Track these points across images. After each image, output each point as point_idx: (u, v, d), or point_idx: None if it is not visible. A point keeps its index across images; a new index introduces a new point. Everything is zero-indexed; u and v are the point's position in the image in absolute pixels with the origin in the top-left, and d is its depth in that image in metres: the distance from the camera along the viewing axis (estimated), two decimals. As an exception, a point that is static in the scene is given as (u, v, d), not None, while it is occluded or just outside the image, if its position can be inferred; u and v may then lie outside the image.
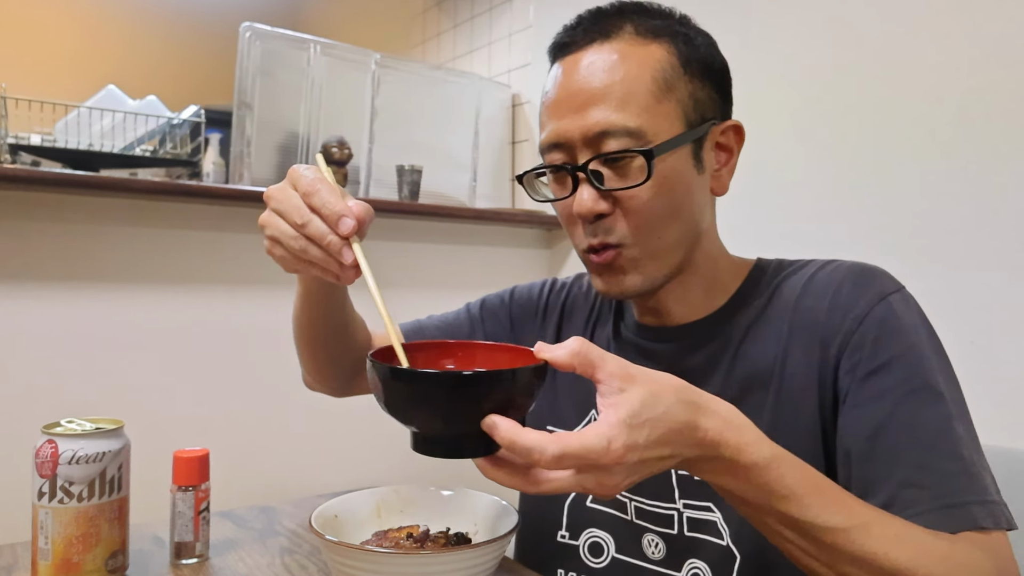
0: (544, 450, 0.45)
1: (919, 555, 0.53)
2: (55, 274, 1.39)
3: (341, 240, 0.58)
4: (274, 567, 0.77)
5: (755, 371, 0.70)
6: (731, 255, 0.79)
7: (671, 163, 0.67)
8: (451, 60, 2.56)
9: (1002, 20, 1.14)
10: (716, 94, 0.72)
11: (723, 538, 0.70)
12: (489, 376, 0.49)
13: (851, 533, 0.53)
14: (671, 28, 0.70)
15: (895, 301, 0.66)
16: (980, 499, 0.58)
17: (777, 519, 0.54)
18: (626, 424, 0.47)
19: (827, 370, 0.67)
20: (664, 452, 0.49)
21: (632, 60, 0.67)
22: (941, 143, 1.22)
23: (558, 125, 0.68)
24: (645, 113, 0.66)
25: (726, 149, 0.74)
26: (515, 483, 0.49)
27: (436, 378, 0.49)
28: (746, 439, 0.52)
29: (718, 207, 0.77)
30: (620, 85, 0.66)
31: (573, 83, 0.68)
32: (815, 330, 0.68)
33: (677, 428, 0.49)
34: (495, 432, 0.47)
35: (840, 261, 0.73)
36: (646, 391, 0.48)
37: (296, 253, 0.61)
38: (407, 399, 0.50)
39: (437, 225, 1.83)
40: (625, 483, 0.49)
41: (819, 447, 0.67)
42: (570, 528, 0.81)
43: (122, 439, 0.72)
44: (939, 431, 0.60)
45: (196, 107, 1.82)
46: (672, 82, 0.68)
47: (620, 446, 0.46)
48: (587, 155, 0.67)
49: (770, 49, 1.49)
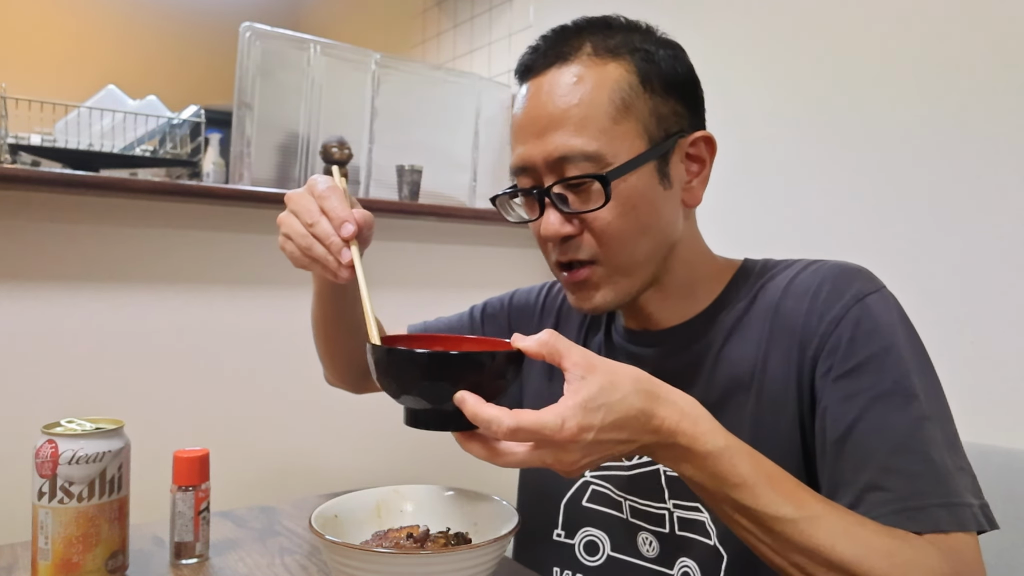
0: (501, 422, 0.51)
1: (865, 550, 0.55)
2: (55, 274, 1.39)
3: (342, 242, 0.66)
4: (274, 567, 0.77)
5: (736, 373, 0.71)
6: (715, 258, 0.79)
7: (633, 183, 0.67)
8: (451, 60, 2.56)
9: (1002, 20, 1.14)
10: (682, 107, 0.71)
11: (711, 538, 0.71)
12: (461, 356, 0.56)
13: (800, 524, 0.55)
14: (631, 44, 0.70)
15: (872, 302, 0.66)
16: (944, 502, 0.58)
17: (731, 507, 0.57)
18: (581, 407, 0.52)
19: (805, 373, 0.68)
20: (621, 436, 0.54)
21: (589, 82, 0.67)
22: (942, 142, 1.22)
23: (523, 150, 0.70)
24: (603, 136, 0.66)
25: (697, 160, 0.73)
26: (485, 455, 0.55)
27: (412, 356, 0.56)
28: (701, 429, 0.56)
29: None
30: (577, 109, 0.67)
31: (534, 108, 0.69)
32: (794, 333, 0.69)
33: (633, 415, 0.53)
34: (464, 405, 0.53)
35: (823, 262, 0.73)
36: (605, 380, 0.53)
37: (303, 249, 0.68)
38: (392, 375, 0.57)
39: (437, 225, 1.83)
40: (584, 462, 0.54)
41: (799, 449, 0.68)
42: (566, 527, 0.81)
43: (122, 439, 0.72)
44: (908, 434, 0.61)
45: (196, 107, 1.82)
46: (630, 101, 0.68)
47: (574, 425, 0.51)
48: (551, 179, 0.69)
49: (770, 49, 1.49)
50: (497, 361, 0.56)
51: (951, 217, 1.20)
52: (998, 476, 0.84)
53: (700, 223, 0.78)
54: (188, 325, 1.52)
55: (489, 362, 0.56)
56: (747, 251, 0.82)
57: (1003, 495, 0.82)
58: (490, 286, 1.32)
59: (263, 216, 1.61)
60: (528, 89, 0.71)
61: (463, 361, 0.55)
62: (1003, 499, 0.82)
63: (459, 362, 0.55)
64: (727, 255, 0.80)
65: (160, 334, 1.49)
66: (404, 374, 0.56)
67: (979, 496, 0.61)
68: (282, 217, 0.70)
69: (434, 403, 0.56)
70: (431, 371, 0.55)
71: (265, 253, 1.61)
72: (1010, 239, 1.13)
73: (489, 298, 0.99)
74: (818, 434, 0.66)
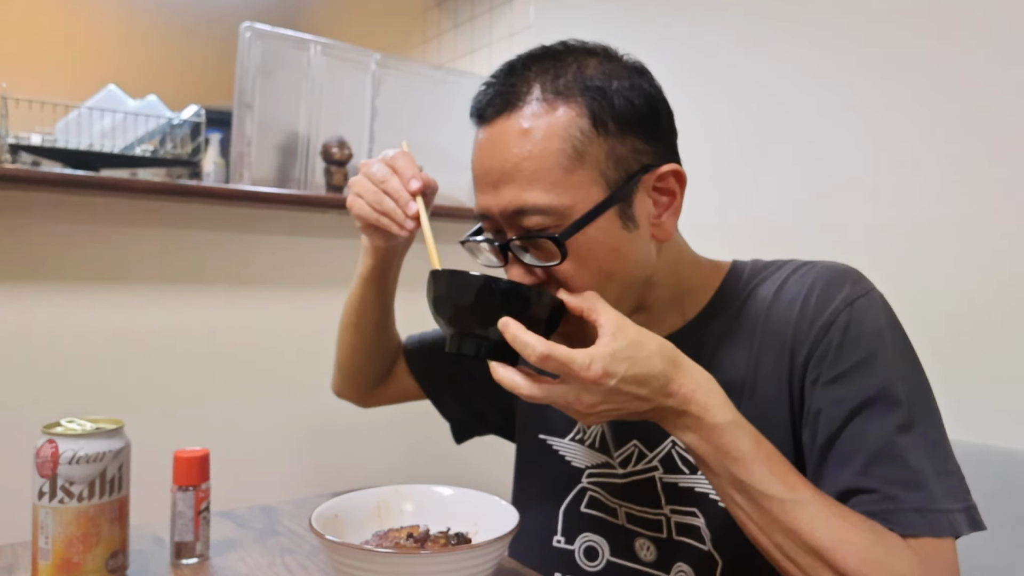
0: (535, 348, 0.57)
1: (841, 541, 0.57)
2: (55, 274, 1.39)
3: (409, 195, 0.75)
4: (274, 567, 0.77)
5: (728, 380, 0.70)
6: (702, 265, 0.77)
7: (591, 235, 0.64)
8: (451, 60, 2.56)
9: (1002, 20, 1.14)
10: (641, 142, 0.66)
11: (704, 543, 0.71)
12: (512, 285, 0.62)
13: (786, 505, 0.58)
14: (581, 83, 0.65)
15: (859, 307, 0.66)
16: (918, 507, 0.59)
17: (728, 480, 0.59)
18: (610, 354, 0.56)
19: (795, 378, 0.68)
20: (640, 391, 0.58)
21: (539, 132, 0.64)
22: (943, 142, 1.22)
23: (480, 199, 0.69)
24: (556, 188, 0.63)
25: (666, 192, 0.69)
26: (515, 381, 0.59)
27: (470, 278, 0.61)
28: (713, 402, 0.59)
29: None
30: (528, 162, 0.64)
31: (486, 158, 0.67)
32: (784, 339, 0.69)
33: (654, 374, 0.58)
34: (507, 330, 0.58)
35: (812, 264, 0.72)
36: (634, 338, 0.58)
37: (373, 204, 0.76)
38: (449, 296, 0.62)
39: (437, 225, 1.82)
40: (601, 407, 0.58)
41: (791, 453, 0.68)
42: (565, 533, 0.81)
43: (122, 439, 0.72)
44: (887, 440, 0.61)
45: (196, 107, 1.82)
46: (583, 148, 0.64)
47: (599, 368, 0.56)
48: (510, 231, 0.67)
49: (770, 49, 1.49)
50: (543, 300, 0.62)
51: (949, 215, 1.20)
52: (997, 476, 0.84)
53: (687, 225, 0.77)
54: (188, 325, 1.52)
55: (536, 298, 0.62)
56: (740, 252, 0.82)
57: (1002, 495, 0.82)
58: (490, 286, 1.31)
59: (263, 216, 1.61)
60: (482, 136, 0.69)
61: (513, 289, 0.62)
62: (1003, 499, 0.82)
63: (509, 289, 0.61)
64: (721, 255, 0.80)
65: (160, 334, 1.49)
66: (461, 295, 0.61)
67: (963, 499, 0.61)
68: (353, 180, 0.79)
69: (481, 326, 0.61)
70: (484, 294, 0.60)
71: (265, 253, 1.61)
72: (1009, 238, 1.13)
73: None
74: (807, 439, 0.66)
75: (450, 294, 0.62)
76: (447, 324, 0.64)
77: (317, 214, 1.66)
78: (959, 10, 1.20)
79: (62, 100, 1.74)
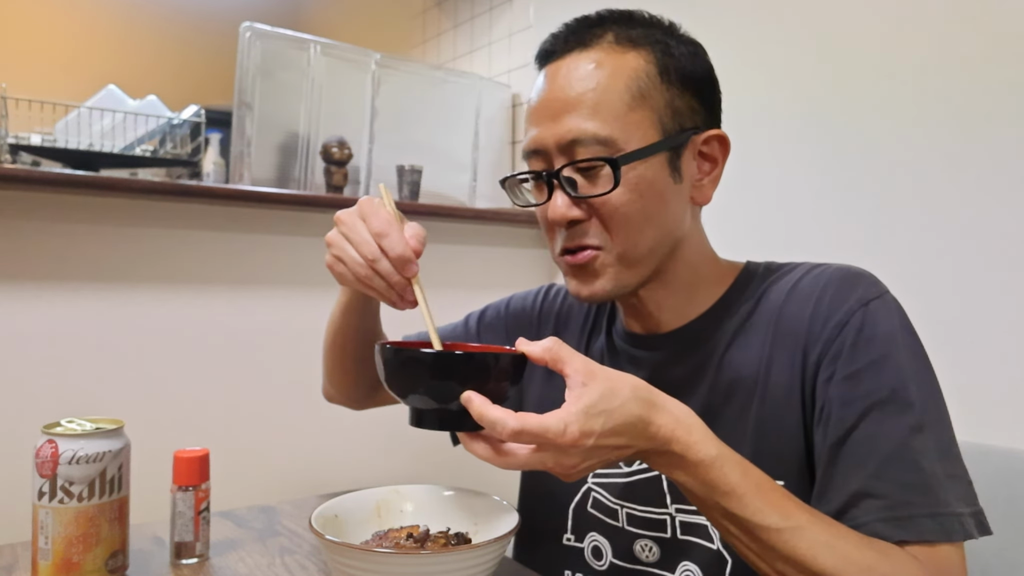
0: (506, 424, 0.52)
1: (844, 563, 0.56)
2: (55, 274, 1.39)
3: (405, 281, 0.66)
4: (274, 567, 0.77)
5: (740, 377, 0.71)
6: (719, 260, 0.78)
7: (642, 171, 0.68)
8: (451, 60, 2.56)
9: (1002, 20, 1.14)
10: (697, 103, 0.71)
11: (713, 542, 0.71)
12: (467, 357, 0.58)
13: (784, 534, 0.56)
14: (652, 36, 0.70)
15: (874, 308, 0.66)
16: (931, 512, 0.59)
17: (720, 513, 0.58)
18: (584, 412, 0.53)
19: (808, 377, 0.68)
20: (619, 441, 0.55)
21: (607, 69, 0.68)
22: (944, 141, 1.22)
23: (536, 132, 0.70)
24: (616, 122, 0.67)
25: (710, 159, 0.73)
26: (488, 455, 0.56)
27: (419, 355, 0.58)
28: (694, 438, 0.57)
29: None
30: (593, 94, 0.67)
31: (551, 91, 0.70)
32: (798, 338, 0.69)
33: (632, 421, 0.54)
34: (470, 405, 0.54)
35: (826, 266, 0.73)
36: (605, 387, 0.54)
37: (361, 279, 0.67)
38: (400, 374, 0.59)
39: (437, 225, 1.83)
40: (584, 466, 0.55)
41: (803, 452, 0.68)
42: (575, 531, 0.81)
43: (122, 439, 0.72)
44: (900, 442, 0.61)
45: (196, 107, 1.82)
46: (647, 91, 0.68)
47: (576, 430, 0.52)
48: (561, 162, 0.69)
49: (770, 49, 1.49)
50: (502, 363, 0.57)
51: (950, 216, 1.20)
52: (998, 476, 0.84)
53: (703, 222, 0.78)
54: (188, 325, 1.52)
55: (494, 364, 0.57)
56: (746, 254, 0.82)
57: (1003, 495, 0.82)
58: (490, 286, 1.32)
59: (263, 216, 1.61)
60: (546, 73, 0.71)
61: (469, 361, 0.57)
62: (1003, 499, 0.82)
63: (465, 362, 0.57)
64: (728, 257, 0.80)
65: (160, 334, 1.49)
66: (412, 373, 0.58)
67: (972, 503, 0.61)
68: (333, 238, 0.68)
69: (440, 402, 0.57)
70: (438, 370, 0.56)
71: (265, 253, 1.62)
72: (1010, 238, 1.13)
73: (486, 306, 0.98)
74: (818, 438, 0.66)
75: (403, 373, 0.58)
76: (403, 401, 0.60)
77: (317, 214, 1.66)
78: (959, 10, 1.20)
79: (62, 100, 1.74)
